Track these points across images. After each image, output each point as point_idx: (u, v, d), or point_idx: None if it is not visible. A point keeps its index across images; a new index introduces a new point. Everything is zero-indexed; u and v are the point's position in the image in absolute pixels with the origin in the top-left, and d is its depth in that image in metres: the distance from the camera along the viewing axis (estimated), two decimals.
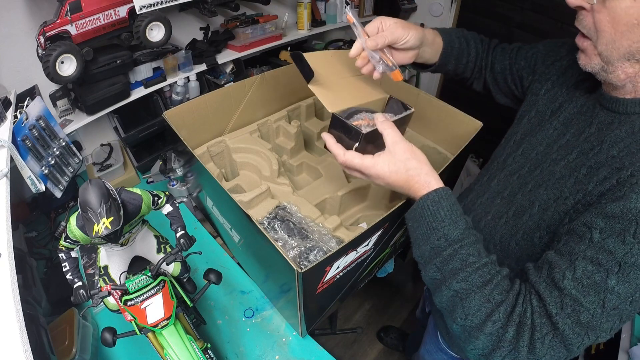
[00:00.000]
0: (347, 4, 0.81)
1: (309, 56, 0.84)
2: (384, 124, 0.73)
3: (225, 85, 1.60)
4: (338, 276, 0.89)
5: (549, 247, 0.62)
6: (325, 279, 0.84)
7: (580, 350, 0.52)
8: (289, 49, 2.01)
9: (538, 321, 0.53)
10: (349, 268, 0.90)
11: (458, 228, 0.61)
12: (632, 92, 0.61)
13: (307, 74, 0.81)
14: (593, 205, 0.56)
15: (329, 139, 0.78)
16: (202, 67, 1.58)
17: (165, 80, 1.48)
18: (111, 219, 0.71)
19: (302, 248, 1.01)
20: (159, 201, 0.90)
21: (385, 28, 0.82)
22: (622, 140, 0.60)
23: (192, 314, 0.98)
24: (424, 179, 0.68)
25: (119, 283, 0.88)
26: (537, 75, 0.85)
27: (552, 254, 0.58)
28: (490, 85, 1.04)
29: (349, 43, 2.19)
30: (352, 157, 0.73)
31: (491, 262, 0.60)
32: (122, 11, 1.21)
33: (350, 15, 0.80)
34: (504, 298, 0.56)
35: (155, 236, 0.98)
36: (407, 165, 0.68)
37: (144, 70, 1.43)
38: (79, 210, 0.72)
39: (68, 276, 0.84)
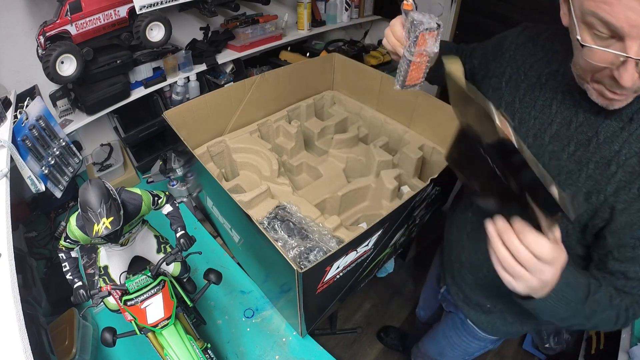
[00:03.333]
0: None
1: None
2: None
3: (225, 85, 1.60)
4: (338, 276, 0.88)
5: (583, 239, 0.68)
6: (325, 279, 0.84)
7: None
8: (289, 49, 2.01)
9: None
10: (349, 268, 0.90)
11: (584, 289, 0.63)
12: None
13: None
14: (627, 213, 0.60)
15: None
16: (202, 67, 1.58)
17: (165, 80, 1.48)
18: (111, 219, 0.71)
19: (302, 248, 1.01)
20: (159, 201, 0.90)
21: None
22: (618, 135, 0.61)
23: (192, 314, 0.98)
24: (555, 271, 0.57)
25: (119, 283, 0.88)
26: (490, 71, 0.85)
27: (615, 264, 0.64)
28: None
29: (349, 43, 2.19)
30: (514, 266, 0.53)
31: (600, 284, 0.65)
32: (122, 11, 1.21)
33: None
34: (620, 302, 0.64)
35: (155, 236, 0.98)
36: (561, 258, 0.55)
37: (144, 70, 1.43)
38: (79, 210, 0.73)
39: (68, 276, 0.84)
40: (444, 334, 1.14)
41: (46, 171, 1.08)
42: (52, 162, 1.11)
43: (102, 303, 0.84)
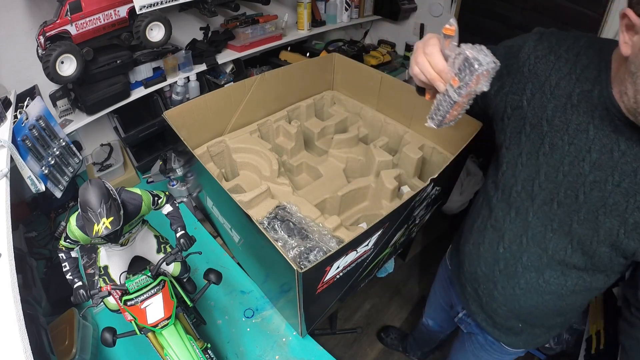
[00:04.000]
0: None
1: None
2: None
3: (225, 85, 1.60)
4: (338, 276, 0.88)
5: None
6: (325, 279, 0.84)
7: None
8: (289, 49, 2.01)
9: None
10: (349, 268, 0.90)
11: None
12: None
13: None
14: None
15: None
16: (202, 67, 1.58)
17: (165, 80, 1.48)
18: (111, 219, 0.71)
19: (302, 248, 1.01)
20: (159, 201, 0.90)
21: None
22: None
23: (192, 314, 0.98)
24: None
25: (119, 283, 0.88)
26: (506, 87, 0.76)
27: None
28: None
29: (349, 43, 2.19)
30: None
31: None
32: (122, 11, 1.21)
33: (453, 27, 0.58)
34: None
35: (155, 236, 0.98)
36: None
37: (144, 70, 1.43)
38: (79, 210, 0.72)
39: (68, 276, 0.84)
40: (474, 355, 1.11)
41: (46, 171, 1.08)
42: (52, 162, 1.11)
43: (102, 303, 0.84)
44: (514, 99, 0.75)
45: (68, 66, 1.13)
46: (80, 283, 0.84)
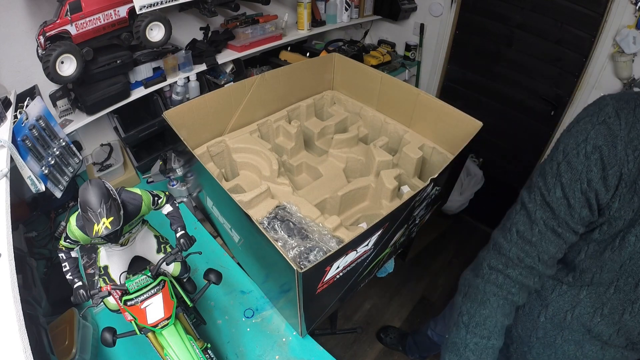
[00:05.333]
0: None
1: None
2: None
3: (225, 85, 1.60)
4: (338, 276, 0.88)
5: None
6: (325, 279, 0.84)
7: None
8: (289, 49, 2.01)
9: None
10: (349, 268, 0.90)
11: None
12: None
13: None
14: None
15: None
16: (202, 67, 1.58)
17: (165, 80, 1.48)
18: (111, 219, 0.71)
19: (302, 248, 1.01)
20: (159, 201, 0.90)
21: None
22: None
23: (192, 314, 0.98)
24: None
25: (119, 283, 0.88)
26: (613, 210, 0.61)
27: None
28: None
29: (349, 43, 2.19)
30: None
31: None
32: (122, 11, 1.21)
33: None
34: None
35: (155, 236, 0.98)
36: None
37: (144, 70, 1.43)
38: (79, 210, 0.72)
39: (68, 276, 0.84)
40: None
41: (46, 171, 1.08)
42: (52, 162, 1.11)
43: (102, 303, 0.84)
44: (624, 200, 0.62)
45: (68, 66, 1.13)
46: (80, 283, 0.83)
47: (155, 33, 1.27)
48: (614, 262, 0.63)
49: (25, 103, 1.06)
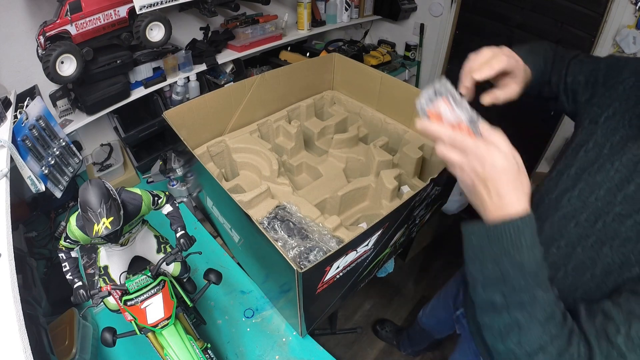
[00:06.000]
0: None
1: None
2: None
3: (225, 85, 1.60)
4: (338, 276, 0.88)
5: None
6: (325, 279, 0.84)
7: None
8: (289, 49, 2.01)
9: None
10: (349, 268, 0.90)
11: (535, 259, 0.56)
12: None
13: None
14: None
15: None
16: (202, 67, 1.58)
17: (165, 80, 1.48)
18: (111, 219, 0.71)
19: (302, 248, 1.01)
20: (159, 201, 0.90)
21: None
22: None
23: (192, 314, 0.98)
24: (518, 196, 0.56)
25: (119, 283, 0.88)
26: (596, 97, 0.73)
27: (609, 305, 0.57)
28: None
29: (349, 43, 2.19)
30: (464, 137, 0.59)
31: (555, 297, 0.59)
32: (122, 11, 1.21)
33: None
34: (559, 333, 0.56)
35: (155, 236, 0.98)
36: (520, 173, 0.57)
37: (144, 70, 1.44)
38: (79, 210, 0.72)
39: (68, 276, 0.84)
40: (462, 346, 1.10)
41: (46, 171, 1.08)
42: (52, 162, 1.11)
43: (102, 303, 0.84)
44: (595, 112, 0.72)
45: (68, 66, 1.13)
46: (80, 283, 0.84)
47: (155, 33, 1.27)
48: (587, 186, 0.68)
49: (25, 103, 1.06)
